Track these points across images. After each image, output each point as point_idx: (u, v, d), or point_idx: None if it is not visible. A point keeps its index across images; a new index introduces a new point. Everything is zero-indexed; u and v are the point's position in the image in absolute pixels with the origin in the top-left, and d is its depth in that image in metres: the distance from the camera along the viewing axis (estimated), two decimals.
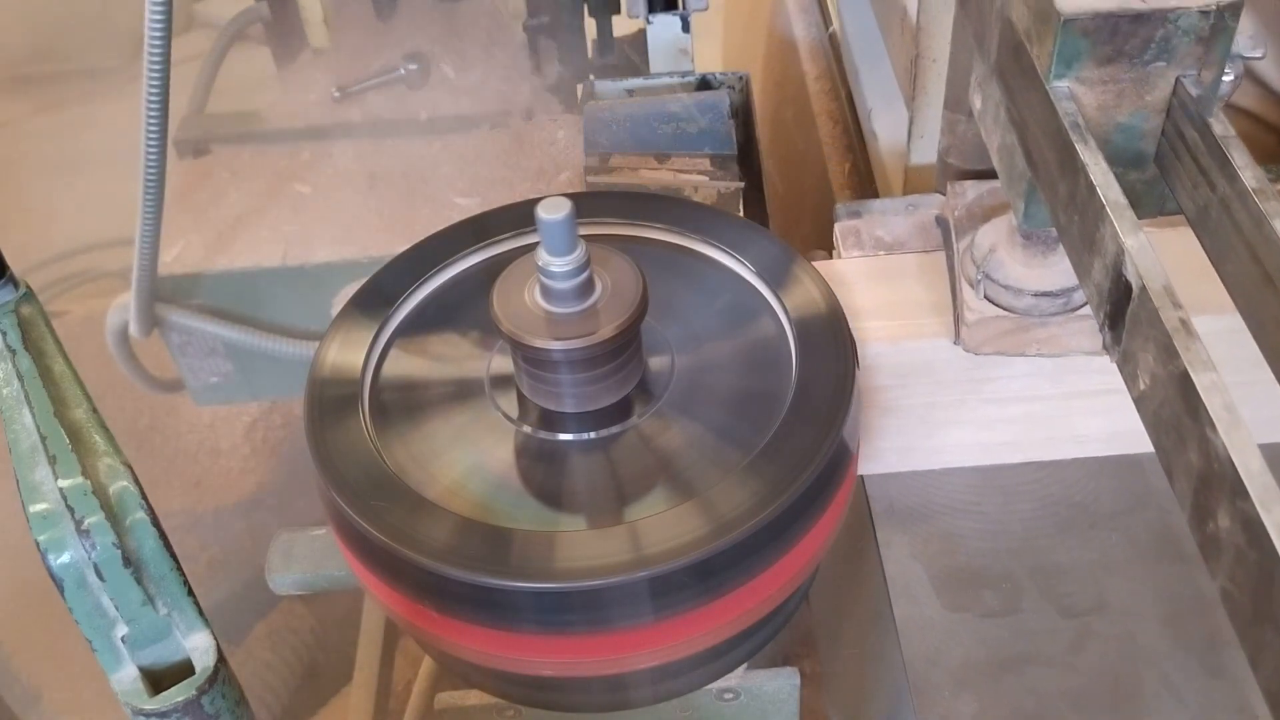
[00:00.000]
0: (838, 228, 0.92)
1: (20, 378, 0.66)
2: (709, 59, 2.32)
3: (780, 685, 0.86)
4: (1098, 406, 0.87)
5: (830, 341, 0.79)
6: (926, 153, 1.06)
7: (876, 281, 0.88)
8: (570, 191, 1.15)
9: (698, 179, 1.15)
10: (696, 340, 0.83)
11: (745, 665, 0.83)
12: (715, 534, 0.68)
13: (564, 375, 0.76)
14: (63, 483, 0.59)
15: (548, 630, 0.70)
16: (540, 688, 0.80)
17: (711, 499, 0.70)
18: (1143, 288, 0.50)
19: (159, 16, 0.99)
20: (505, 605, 0.69)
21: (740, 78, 1.36)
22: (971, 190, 0.87)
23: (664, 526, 0.69)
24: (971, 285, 0.81)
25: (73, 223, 3.02)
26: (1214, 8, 0.57)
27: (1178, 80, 0.59)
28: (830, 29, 1.60)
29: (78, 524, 0.58)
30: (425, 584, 0.70)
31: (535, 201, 0.72)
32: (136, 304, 1.17)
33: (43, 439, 0.62)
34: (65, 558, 0.58)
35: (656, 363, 0.81)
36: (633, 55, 1.53)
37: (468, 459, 0.77)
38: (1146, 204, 0.63)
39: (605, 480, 0.75)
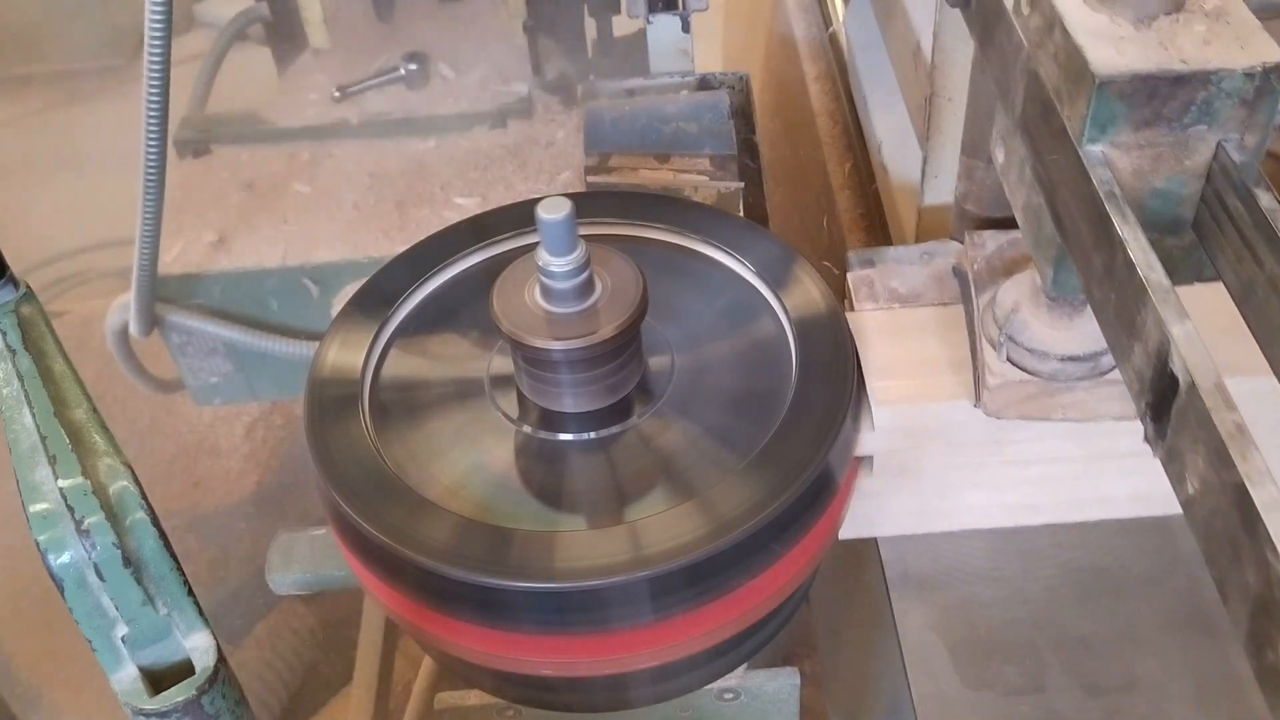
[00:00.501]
0: (850, 278, 0.87)
1: (20, 378, 0.66)
2: (709, 59, 2.32)
3: (780, 685, 0.86)
4: (1125, 468, 0.81)
5: (830, 341, 0.79)
6: (940, 193, 1.00)
7: (892, 337, 0.82)
8: (570, 191, 1.15)
9: (698, 179, 1.15)
10: (696, 340, 0.83)
11: (745, 665, 0.83)
12: (715, 534, 0.68)
13: (564, 375, 0.76)
14: (63, 483, 0.59)
15: (548, 630, 0.70)
16: (540, 688, 0.80)
17: (711, 499, 0.70)
18: (1192, 384, 0.46)
19: (159, 16, 0.99)
20: (505, 605, 0.69)
21: (740, 78, 1.36)
22: (991, 241, 0.82)
23: (664, 526, 0.69)
24: (993, 346, 0.76)
25: (73, 223, 3.02)
26: (1259, 69, 0.53)
27: (1219, 144, 0.55)
28: (830, 29, 1.60)
29: (78, 524, 0.58)
30: (425, 584, 0.70)
31: (535, 201, 0.72)
32: (136, 304, 1.17)
33: (43, 439, 0.62)
34: (65, 558, 0.58)
35: (656, 363, 0.81)
36: (632, 55, 1.53)
37: (468, 459, 0.77)
38: (1183, 271, 0.58)
39: (605, 480, 0.75)
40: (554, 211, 0.70)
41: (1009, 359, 0.76)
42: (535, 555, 0.68)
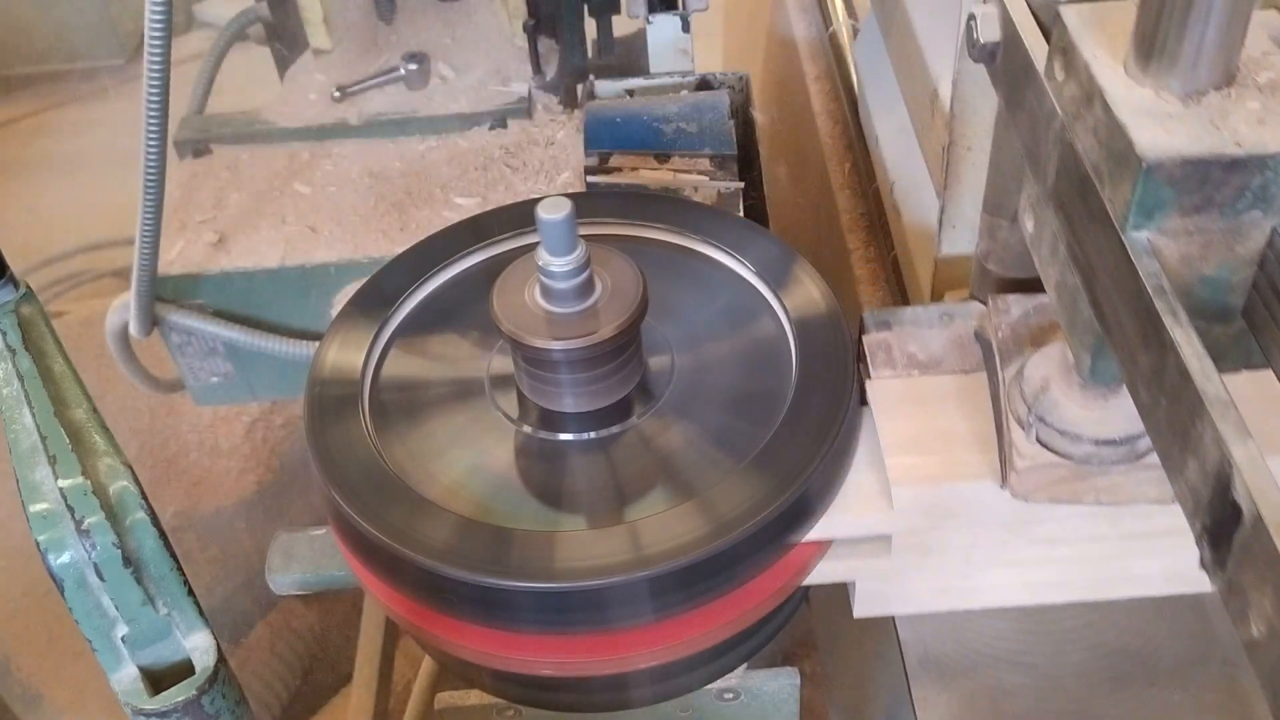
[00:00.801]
0: (866, 341, 0.82)
1: (20, 378, 0.66)
2: (709, 59, 2.32)
3: (780, 685, 0.86)
4: (1159, 547, 0.76)
5: (830, 341, 0.79)
6: (958, 243, 0.94)
7: (911, 409, 0.77)
8: (570, 191, 1.15)
9: (698, 179, 1.15)
10: (696, 340, 0.83)
11: (745, 665, 0.83)
12: (715, 534, 0.68)
13: (564, 375, 0.76)
14: (63, 483, 0.59)
15: (548, 630, 0.70)
16: (540, 688, 0.80)
17: (711, 499, 0.70)
18: (1258, 517, 0.41)
19: (159, 16, 0.99)
20: (505, 605, 0.69)
21: (740, 78, 1.36)
22: (1016, 306, 0.76)
23: (663, 526, 0.69)
24: (1021, 425, 0.71)
25: (73, 223, 3.02)
26: None
27: (1274, 230, 0.52)
28: (830, 29, 1.60)
29: (78, 524, 0.58)
30: (425, 584, 0.70)
31: (535, 201, 0.72)
32: (136, 304, 1.17)
33: (43, 439, 0.62)
34: (65, 558, 0.58)
35: (656, 363, 0.81)
36: (632, 55, 1.53)
37: (468, 459, 0.77)
38: (1231, 358, 0.54)
39: (605, 480, 0.75)
40: (554, 211, 0.70)
41: (1038, 439, 0.70)
42: (535, 555, 0.68)
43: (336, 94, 1.33)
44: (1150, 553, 0.77)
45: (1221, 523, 0.44)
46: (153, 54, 1.01)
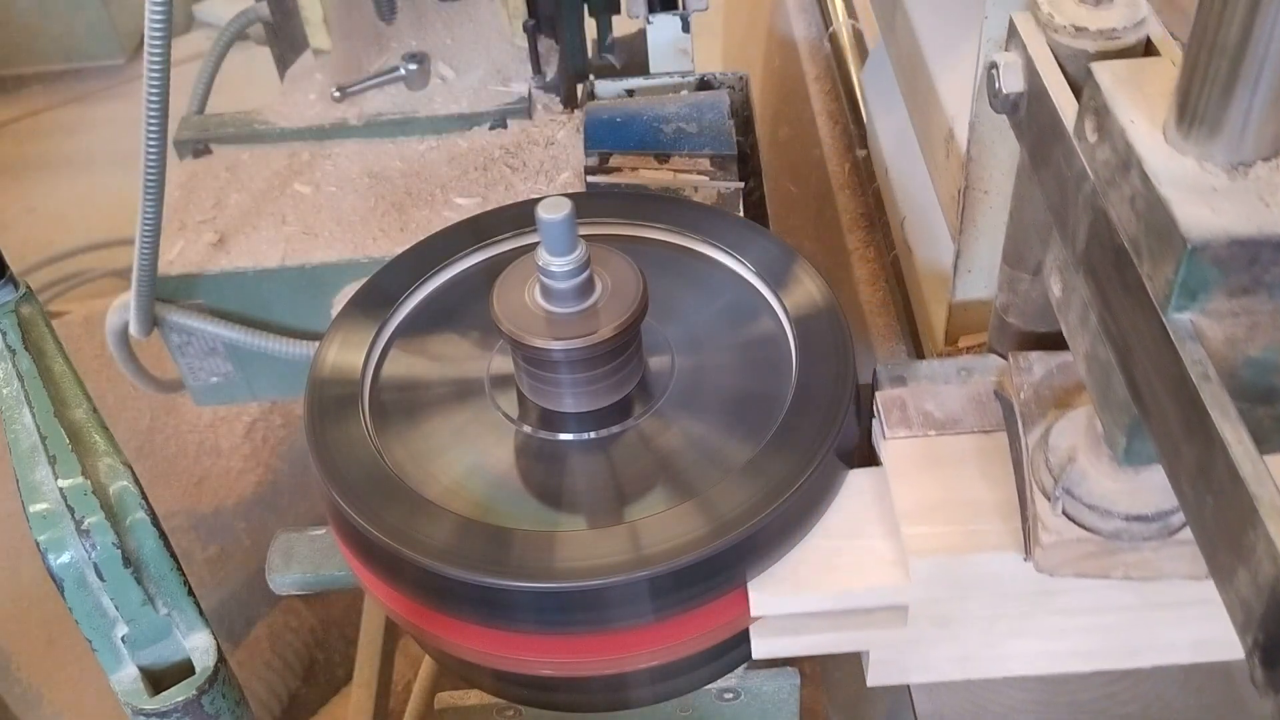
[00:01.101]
0: (880, 398, 0.78)
1: (20, 378, 0.66)
2: (709, 59, 2.32)
3: (780, 685, 0.86)
4: (1188, 616, 0.72)
5: (830, 341, 0.79)
6: (974, 288, 0.90)
7: (928, 473, 0.73)
8: (570, 191, 1.15)
9: (698, 179, 1.15)
10: (696, 340, 0.83)
11: (745, 665, 0.83)
12: (715, 534, 0.68)
13: (564, 375, 0.76)
14: (63, 483, 0.59)
15: (548, 630, 0.70)
16: (540, 688, 0.80)
17: (711, 499, 0.70)
18: None
19: (159, 16, 0.99)
20: (505, 605, 0.69)
21: (740, 78, 1.36)
22: (1039, 365, 0.72)
23: (664, 526, 0.69)
24: (1046, 496, 0.67)
25: (73, 223, 3.02)
26: None
27: None
28: (830, 29, 1.60)
29: (78, 524, 0.58)
30: (425, 584, 0.70)
31: (535, 201, 0.72)
32: (136, 304, 1.17)
33: (43, 439, 0.62)
34: (65, 558, 0.58)
35: (656, 363, 0.81)
36: (632, 55, 1.53)
37: (468, 459, 0.77)
38: (1276, 440, 0.51)
39: (605, 480, 0.75)
40: (554, 211, 0.70)
41: (1065, 512, 0.67)
42: (535, 555, 0.68)
43: (336, 94, 1.33)
44: (1178, 622, 0.73)
45: (1276, 640, 0.41)
46: (153, 54, 1.01)
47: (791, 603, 0.71)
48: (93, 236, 2.84)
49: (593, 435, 0.77)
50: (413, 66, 1.33)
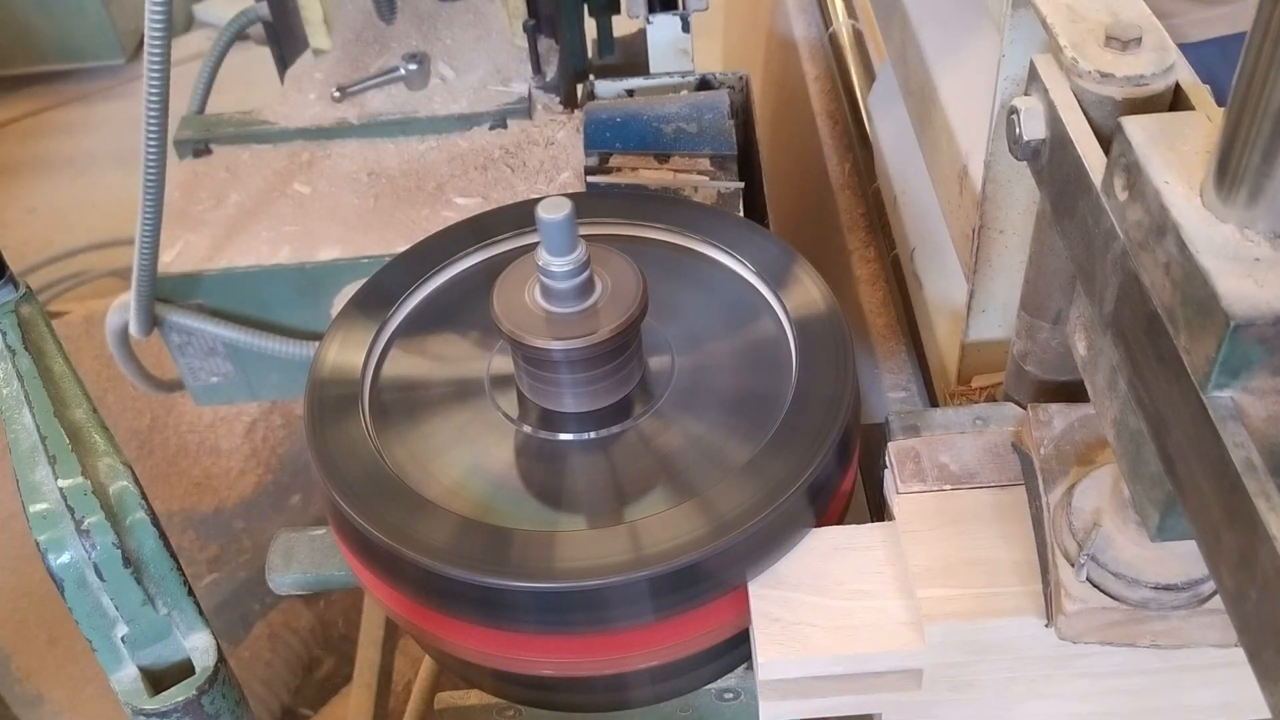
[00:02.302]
0: (892, 449, 0.74)
1: (20, 378, 0.66)
2: (709, 59, 2.32)
3: None
4: (1214, 678, 0.70)
5: (830, 341, 0.79)
6: (987, 328, 0.87)
7: (943, 530, 0.70)
8: (570, 191, 1.15)
9: (698, 179, 1.15)
10: (696, 340, 0.83)
11: (745, 665, 0.83)
12: (715, 534, 0.68)
13: (564, 375, 0.76)
14: (63, 483, 0.59)
15: (548, 630, 0.70)
16: (540, 688, 0.80)
17: (711, 499, 0.70)
18: None
19: (159, 16, 0.99)
20: (505, 605, 0.69)
21: (740, 78, 1.36)
22: (1059, 418, 0.69)
23: (663, 526, 0.69)
24: (1069, 560, 0.64)
25: (73, 223, 3.02)
26: None
27: None
28: (830, 29, 1.60)
29: (78, 524, 0.58)
30: (425, 584, 0.70)
31: (535, 201, 0.72)
32: (136, 304, 1.17)
33: (43, 439, 0.62)
34: (65, 558, 0.58)
35: (656, 363, 0.81)
36: (632, 55, 1.53)
37: (468, 459, 0.77)
38: None
39: (605, 480, 0.75)
40: (554, 211, 0.70)
41: (1089, 579, 0.63)
42: (535, 555, 0.68)
43: (336, 94, 1.33)
44: (1204, 684, 0.70)
45: None
46: (153, 54, 1.01)
47: (801, 665, 0.68)
48: (93, 236, 2.85)
49: (593, 435, 0.77)
50: (413, 66, 1.33)
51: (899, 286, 1.16)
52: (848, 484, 0.78)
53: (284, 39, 1.45)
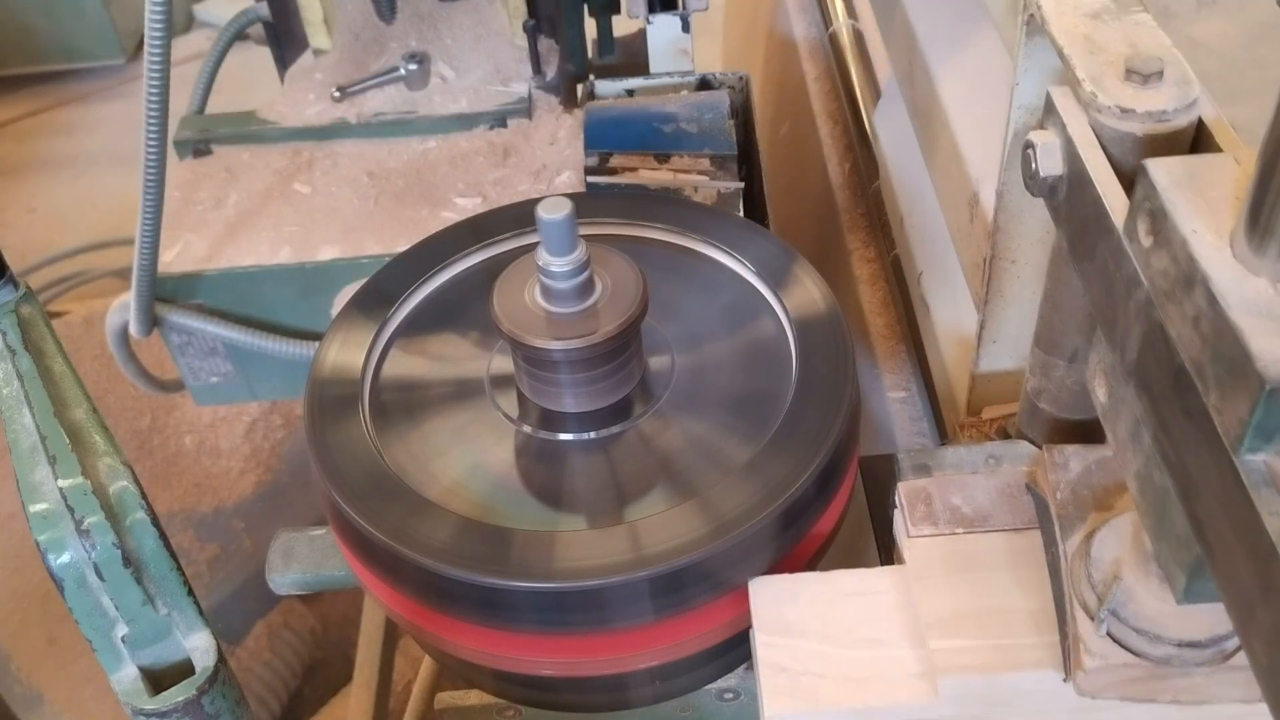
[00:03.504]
0: (902, 489, 0.72)
1: (20, 378, 0.66)
2: (709, 59, 2.33)
3: None
4: None
5: (830, 341, 0.79)
6: (998, 359, 0.84)
7: (956, 576, 0.68)
8: (570, 191, 1.15)
9: (698, 179, 1.15)
10: (696, 340, 0.83)
11: (745, 665, 0.83)
12: (715, 534, 0.68)
13: (564, 375, 0.76)
14: (63, 483, 0.60)
15: (548, 630, 0.70)
16: (540, 688, 0.80)
17: (711, 499, 0.70)
18: None
19: (159, 16, 0.99)
20: (505, 605, 0.69)
21: (740, 78, 1.36)
22: (1075, 461, 0.66)
23: (664, 526, 0.69)
24: (1088, 613, 0.61)
25: (73, 223, 3.02)
26: None
27: None
28: (830, 29, 1.60)
29: (78, 524, 0.58)
30: (425, 584, 0.70)
31: (535, 201, 0.72)
32: (136, 304, 1.17)
33: (43, 439, 0.62)
34: (65, 558, 0.58)
35: (656, 363, 0.81)
36: (632, 55, 1.53)
37: (468, 459, 0.77)
38: None
39: (605, 480, 0.75)
40: (554, 211, 0.70)
41: (1110, 633, 0.61)
42: (535, 555, 0.68)
43: (336, 94, 1.33)
44: None
45: None
46: (153, 54, 1.01)
47: (810, 718, 0.66)
48: (93, 236, 2.84)
49: (593, 435, 0.77)
50: (413, 66, 1.33)
51: (899, 287, 1.16)
52: (848, 485, 0.78)
53: (284, 39, 1.45)
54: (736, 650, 0.77)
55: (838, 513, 0.78)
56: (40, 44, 3.61)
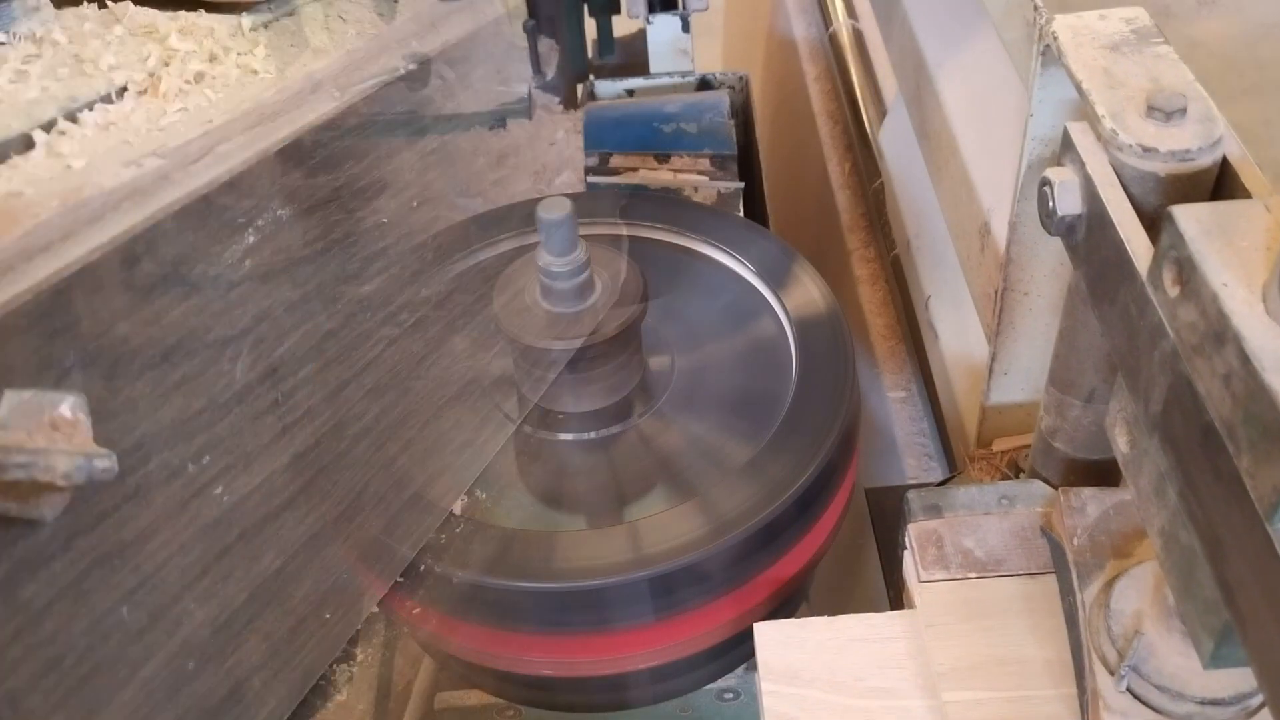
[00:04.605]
0: (913, 530, 0.70)
1: None
2: (709, 59, 2.32)
3: None
4: None
5: (830, 341, 0.79)
6: (1009, 391, 0.83)
7: (969, 624, 0.65)
8: (570, 191, 1.15)
9: (698, 179, 1.15)
10: (696, 340, 0.83)
11: (745, 665, 0.83)
12: (715, 534, 0.68)
13: (564, 375, 0.76)
14: None
15: (548, 630, 0.70)
16: (541, 688, 0.80)
17: (711, 499, 0.70)
18: None
19: None
20: (505, 605, 0.69)
21: (740, 78, 1.36)
22: (1093, 505, 0.64)
23: (663, 526, 0.69)
24: (1107, 667, 0.59)
25: None
26: None
27: None
28: (830, 29, 1.60)
29: None
30: (425, 584, 0.70)
31: (535, 201, 0.72)
32: None
33: None
34: None
35: (656, 363, 0.81)
36: (632, 55, 1.53)
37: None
38: None
39: (605, 480, 0.75)
40: (554, 211, 0.71)
41: (1130, 689, 0.58)
42: (535, 555, 0.68)
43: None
44: None
45: None
46: None
47: None
48: None
49: (593, 435, 0.77)
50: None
51: (899, 287, 1.16)
52: (848, 485, 0.78)
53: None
54: (736, 650, 0.77)
55: (838, 513, 0.78)
56: None
